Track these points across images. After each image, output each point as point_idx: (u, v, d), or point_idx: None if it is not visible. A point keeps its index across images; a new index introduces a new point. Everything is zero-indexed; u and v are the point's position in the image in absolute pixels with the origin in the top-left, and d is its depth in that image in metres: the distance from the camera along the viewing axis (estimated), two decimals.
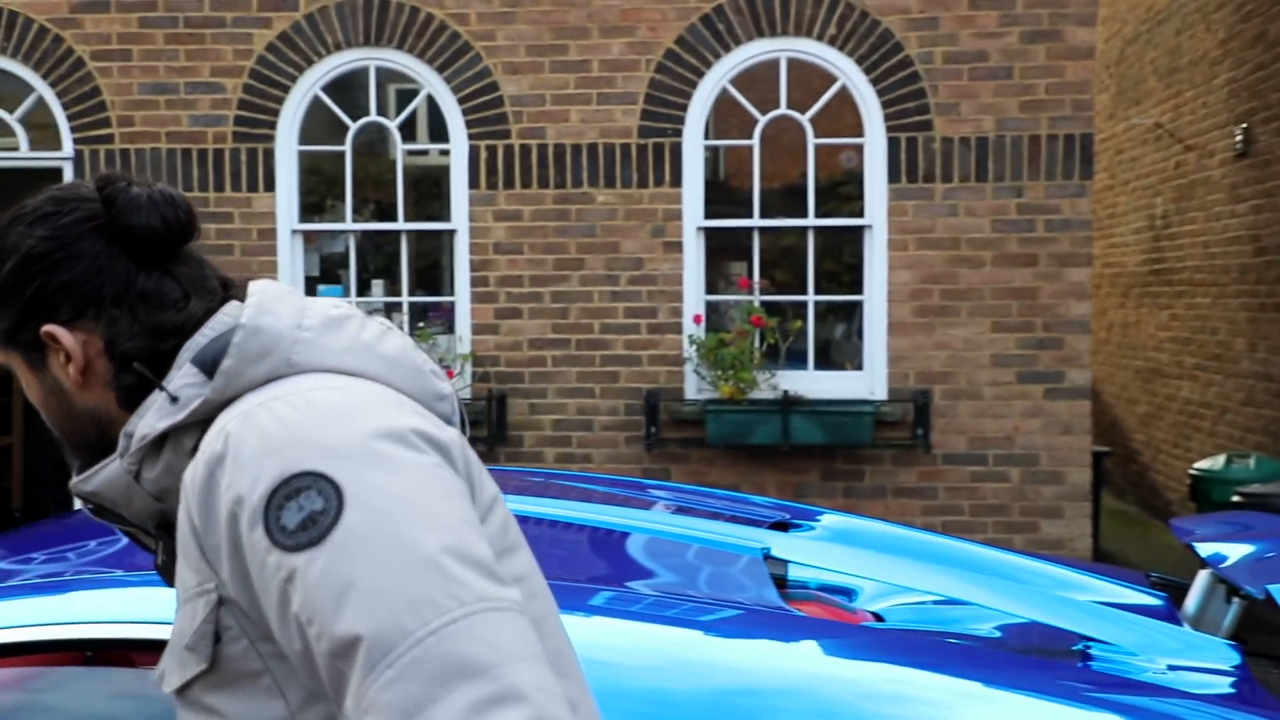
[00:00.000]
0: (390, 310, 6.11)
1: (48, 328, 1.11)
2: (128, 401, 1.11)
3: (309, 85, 5.88)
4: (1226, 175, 7.36)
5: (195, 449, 1.06)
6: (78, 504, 4.35)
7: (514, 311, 5.87)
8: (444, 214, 5.95)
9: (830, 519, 2.72)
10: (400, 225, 5.98)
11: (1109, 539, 7.18)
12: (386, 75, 5.96)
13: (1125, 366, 9.27)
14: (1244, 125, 7.06)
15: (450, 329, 5.98)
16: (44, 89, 5.90)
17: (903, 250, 5.70)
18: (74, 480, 1.14)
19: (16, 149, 5.96)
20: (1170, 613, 2.50)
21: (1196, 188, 7.84)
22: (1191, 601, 2.54)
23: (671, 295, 5.81)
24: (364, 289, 6.11)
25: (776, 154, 5.95)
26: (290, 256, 5.93)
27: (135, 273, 1.12)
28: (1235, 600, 2.53)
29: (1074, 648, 2.12)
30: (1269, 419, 6.78)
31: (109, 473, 1.11)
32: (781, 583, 2.23)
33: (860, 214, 5.76)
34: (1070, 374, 5.67)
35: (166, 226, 1.13)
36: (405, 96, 6.01)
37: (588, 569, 2.24)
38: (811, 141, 5.77)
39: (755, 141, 5.80)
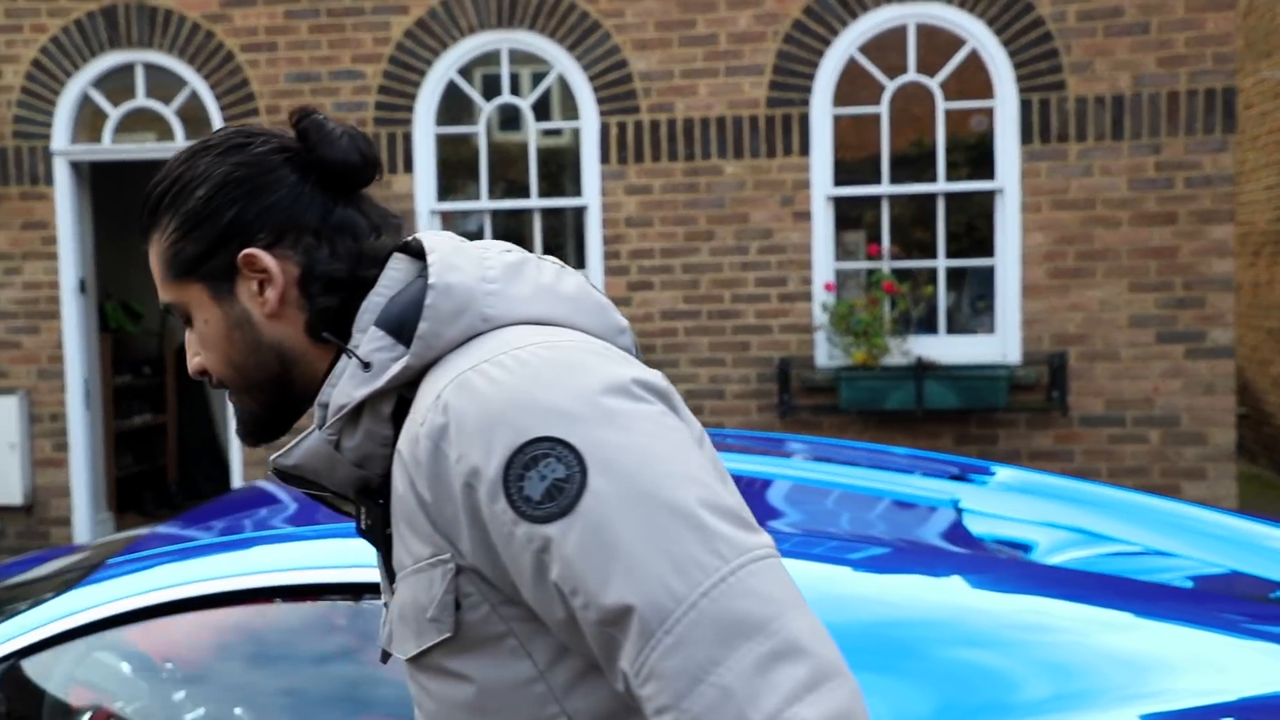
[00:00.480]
0: None
1: (248, 251, 1.09)
2: (318, 329, 1.10)
3: (445, 69, 6.07)
4: None
5: (394, 414, 1.06)
6: (237, 479, 4.62)
7: (645, 284, 6.00)
8: (576, 190, 6.10)
9: (1006, 473, 2.77)
10: (534, 203, 6.14)
11: (1245, 503, 7.04)
12: (519, 56, 6.11)
13: (1257, 328, 9.03)
14: None
15: None
16: (197, 81, 6.19)
17: (1036, 212, 5.67)
18: (274, 456, 1.10)
19: (173, 139, 6.27)
20: None
21: None
22: None
23: (800, 264, 5.87)
24: None
25: (905, 120, 5.95)
26: None
27: (331, 204, 1.11)
28: None
29: (1273, 595, 2.15)
30: None
31: (309, 445, 1.08)
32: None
33: (991, 177, 5.74)
34: (1212, 333, 5.59)
35: (362, 160, 1.12)
36: (537, 77, 6.16)
37: (785, 520, 2.34)
38: (941, 106, 5.77)
39: (884, 108, 5.82)
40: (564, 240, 6.35)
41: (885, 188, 5.83)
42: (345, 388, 1.06)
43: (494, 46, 6.06)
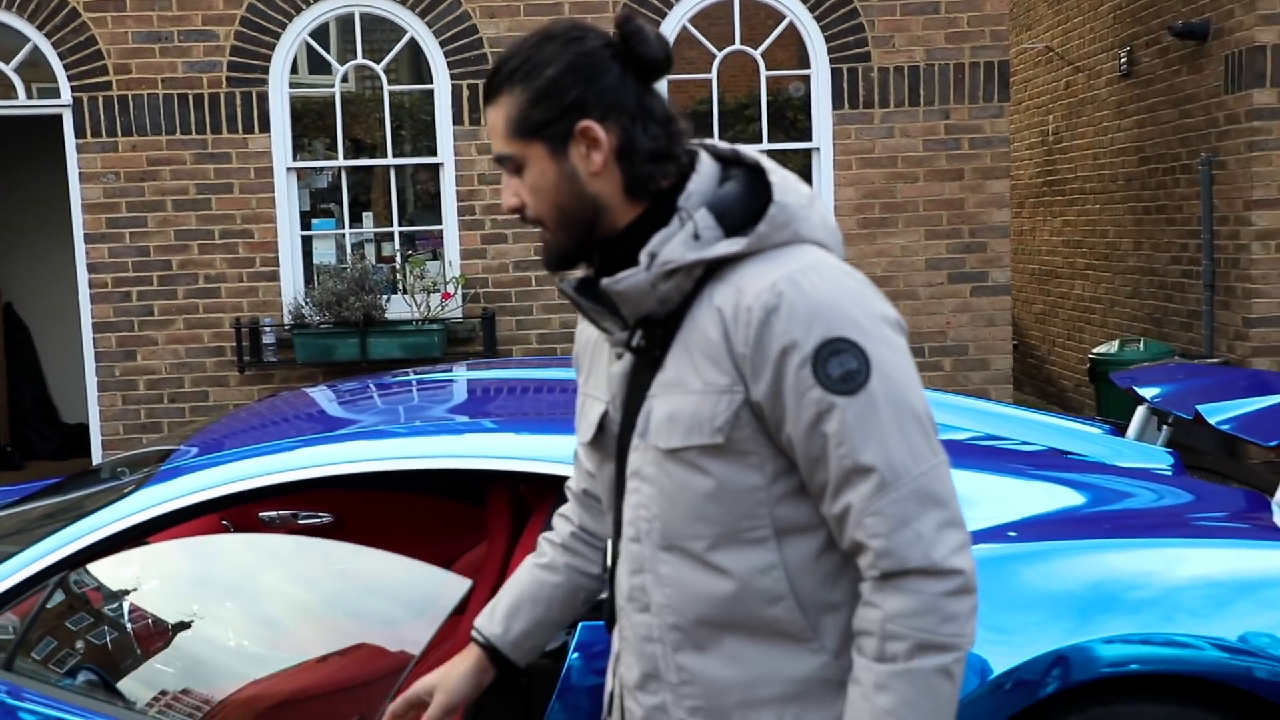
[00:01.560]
0: (381, 239, 6.61)
1: (585, 123, 1.38)
2: (632, 191, 1.41)
3: (298, 31, 6.27)
4: (1112, 94, 8.27)
5: (700, 280, 1.39)
6: (96, 450, 4.86)
7: (500, 237, 6.43)
8: (431, 149, 6.45)
9: None
10: (389, 161, 6.45)
11: None
12: (371, 21, 6.37)
13: (1022, 270, 10.26)
14: (1127, 48, 7.95)
15: (435, 255, 6.51)
16: (39, 39, 6.16)
17: (847, 170, 6.43)
18: (606, 280, 1.39)
19: (15, 97, 6.22)
20: (1116, 436, 3.30)
21: (1085, 105, 8.75)
22: (1132, 430, 3.35)
23: None
24: (356, 220, 6.58)
25: (732, 86, 6.58)
26: (286, 192, 6.36)
27: (641, 91, 1.40)
28: (1165, 427, 3.35)
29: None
30: (1153, 308, 7.78)
31: (636, 280, 1.38)
32: None
33: (808, 138, 6.46)
34: (993, 273, 6.52)
35: (666, 57, 1.39)
36: (390, 41, 6.44)
37: None
38: (764, 74, 6.43)
39: (713, 75, 6.43)
40: (420, 195, 6.68)
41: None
42: (679, 248, 1.37)
43: (347, 10, 6.30)
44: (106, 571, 2.43)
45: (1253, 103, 6.44)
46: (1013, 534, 2.39)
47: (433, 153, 6.43)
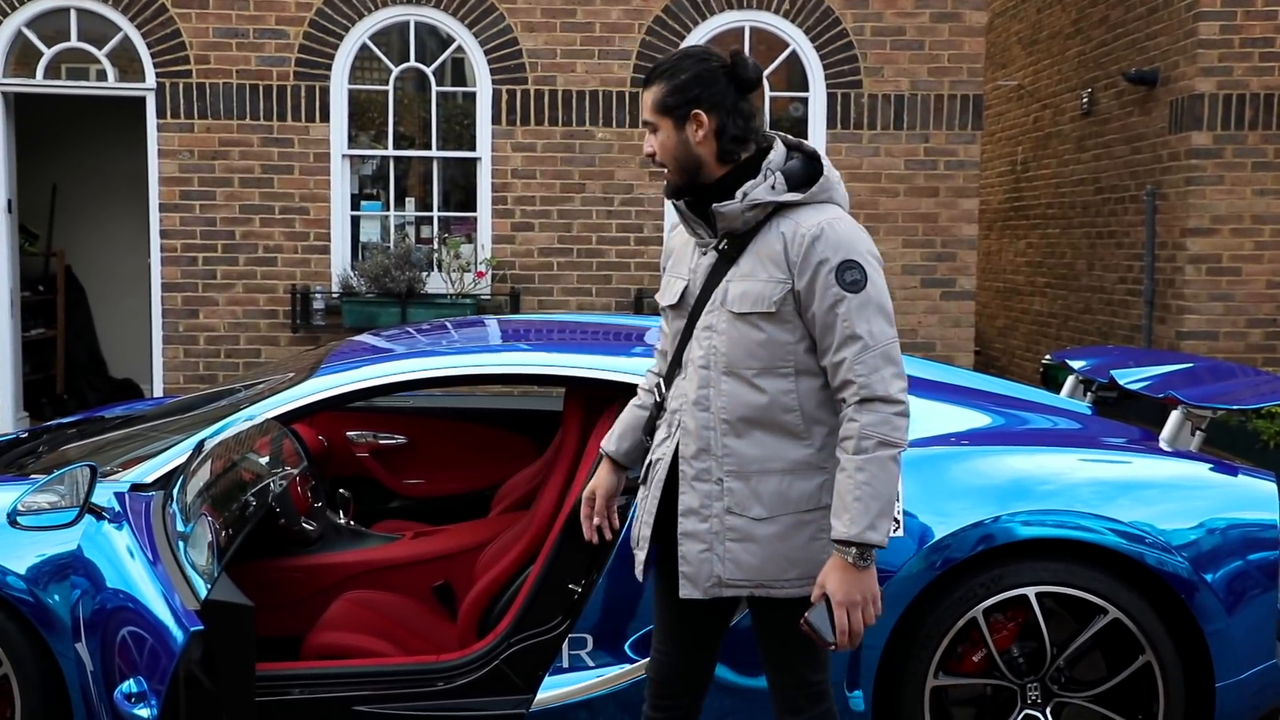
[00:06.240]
0: (421, 223, 7.42)
1: (697, 110, 2.27)
2: (722, 158, 2.29)
3: (359, 34, 7.09)
4: (1074, 130, 9.21)
5: (769, 215, 2.27)
6: (158, 385, 5.96)
7: (528, 226, 7.26)
8: (471, 145, 7.27)
9: None
10: (434, 153, 7.27)
11: None
12: (425, 29, 7.20)
13: (987, 287, 11.17)
14: (1089, 90, 8.89)
15: (470, 239, 7.33)
16: (129, 29, 6.94)
17: None
18: (715, 204, 2.27)
19: (106, 79, 7.00)
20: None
21: (1050, 139, 9.69)
22: (1063, 393, 4.20)
23: (655, 215, 7.29)
24: (400, 204, 7.39)
25: None
26: (340, 176, 7.16)
27: (738, 99, 2.30)
28: (1089, 392, 4.20)
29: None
30: (1101, 323, 8.70)
31: (732, 207, 2.27)
32: None
33: None
34: (960, 280, 7.41)
35: (757, 79, 2.31)
36: (440, 47, 7.26)
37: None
38: (768, 94, 7.30)
39: None
40: (459, 186, 7.50)
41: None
42: (763, 192, 2.28)
43: (403, 18, 7.13)
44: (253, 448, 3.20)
45: (1191, 143, 7.37)
46: (955, 441, 3.24)
47: (472, 148, 7.25)
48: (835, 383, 2.26)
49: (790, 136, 2.39)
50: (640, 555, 2.45)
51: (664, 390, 2.47)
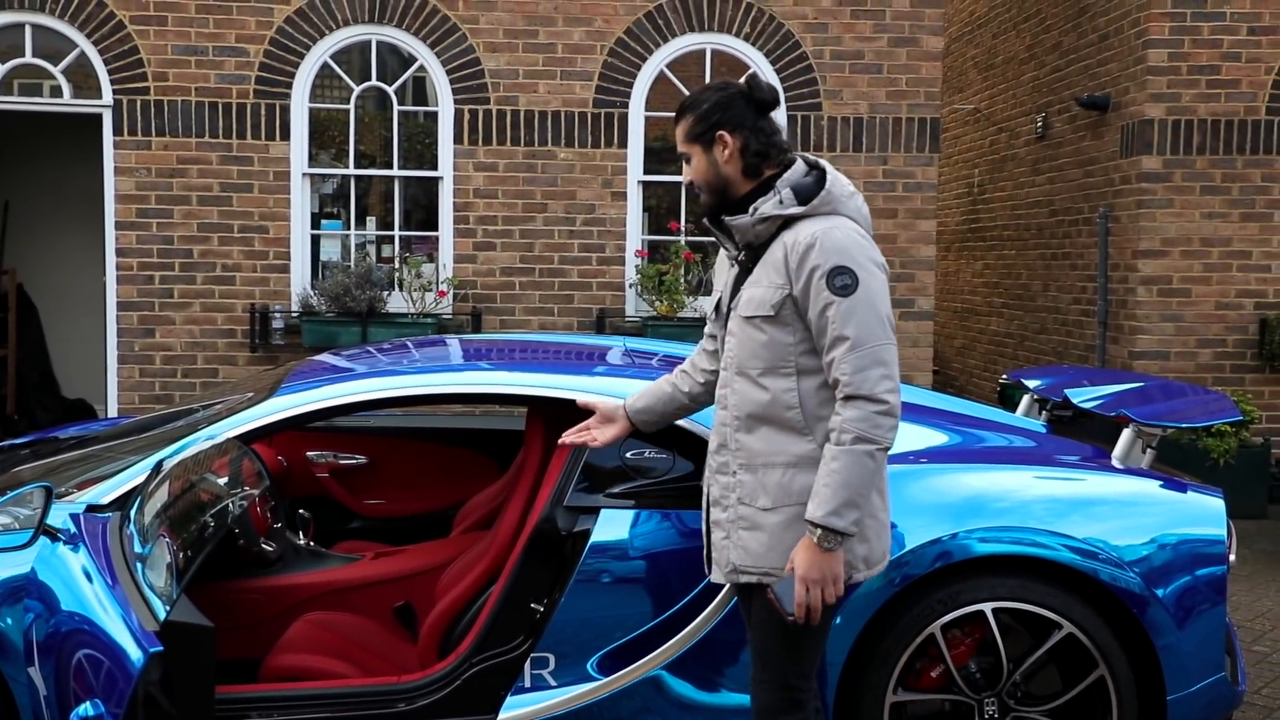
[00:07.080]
0: (382, 242, 7.40)
1: (721, 133, 2.50)
2: (747, 174, 2.49)
3: (320, 53, 7.08)
4: (1029, 153, 9.36)
5: (777, 229, 2.46)
6: (112, 404, 5.99)
7: (490, 245, 7.26)
8: (433, 164, 7.27)
9: None
10: (395, 172, 7.26)
11: None
12: (386, 48, 7.20)
13: (945, 308, 11.31)
14: (1043, 114, 9.05)
15: (431, 259, 7.32)
16: (86, 45, 6.89)
17: None
18: (727, 218, 2.51)
19: (61, 96, 6.93)
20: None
21: (1006, 162, 9.85)
22: (1019, 412, 4.27)
23: (616, 235, 7.32)
24: (361, 223, 7.37)
25: None
26: (301, 195, 7.14)
27: (757, 119, 2.52)
28: (1044, 411, 4.27)
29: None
30: (1057, 343, 8.83)
31: (742, 221, 2.50)
32: None
33: None
34: (919, 300, 7.50)
35: (775, 100, 2.54)
36: (402, 66, 7.27)
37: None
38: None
39: None
40: (421, 205, 7.49)
41: (685, 177, 7.35)
42: (769, 207, 2.48)
43: (365, 37, 7.13)
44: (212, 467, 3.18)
45: (1142, 167, 7.53)
46: (914, 459, 3.28)
47: (434, 167, 7.25)
48: (830, 381, 2.43)
49: (810, 155, 2.61)
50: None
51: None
